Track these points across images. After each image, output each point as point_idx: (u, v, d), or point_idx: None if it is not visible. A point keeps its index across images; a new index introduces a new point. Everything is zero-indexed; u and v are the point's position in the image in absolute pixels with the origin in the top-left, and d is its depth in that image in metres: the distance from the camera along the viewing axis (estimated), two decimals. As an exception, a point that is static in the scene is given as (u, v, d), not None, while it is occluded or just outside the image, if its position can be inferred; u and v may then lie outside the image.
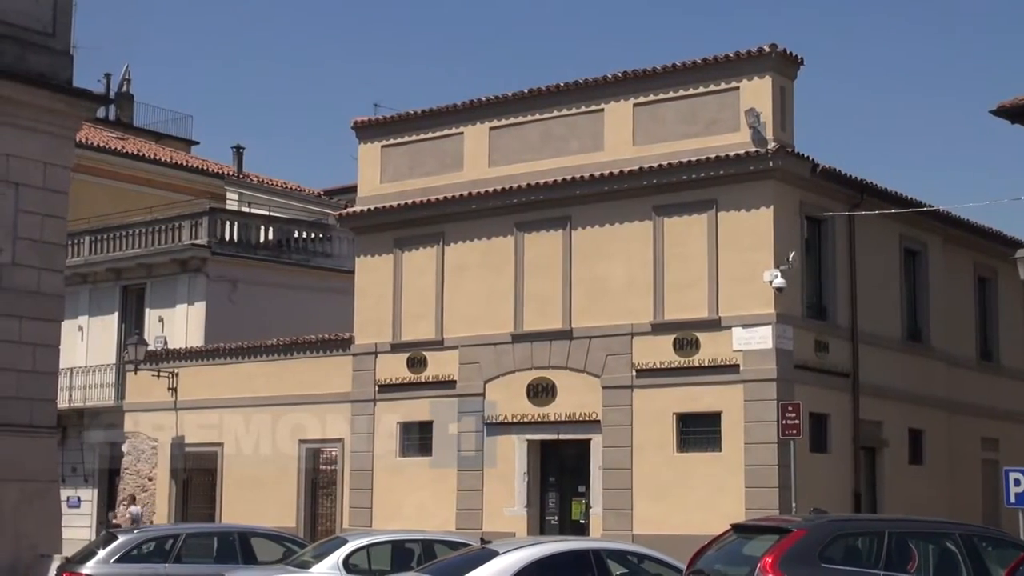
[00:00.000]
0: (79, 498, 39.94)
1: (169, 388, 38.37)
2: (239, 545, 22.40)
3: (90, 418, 41.17)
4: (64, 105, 32.22)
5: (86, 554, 21.71)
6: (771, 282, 28.07)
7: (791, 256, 28.35)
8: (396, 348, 33.63)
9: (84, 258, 41.63)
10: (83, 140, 40.03)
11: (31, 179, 31.42)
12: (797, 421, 27.04)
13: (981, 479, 33.20)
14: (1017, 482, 23.76)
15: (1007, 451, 33.21)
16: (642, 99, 30.74)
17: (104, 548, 21.47)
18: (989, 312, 36.39)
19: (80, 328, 41.36)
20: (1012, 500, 23.74)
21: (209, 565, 21.40)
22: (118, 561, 20.88)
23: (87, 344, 41.84)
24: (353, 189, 36.33)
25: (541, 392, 31.24)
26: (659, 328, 29.67)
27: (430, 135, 34.16)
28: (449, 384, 32.62)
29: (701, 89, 29.92)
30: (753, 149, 28.63)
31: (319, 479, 35.84)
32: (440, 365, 32.85)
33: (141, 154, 51.06)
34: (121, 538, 21.79)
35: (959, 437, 33.62)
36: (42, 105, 31.66)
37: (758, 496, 27.31)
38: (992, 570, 14.28)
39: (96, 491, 41.02)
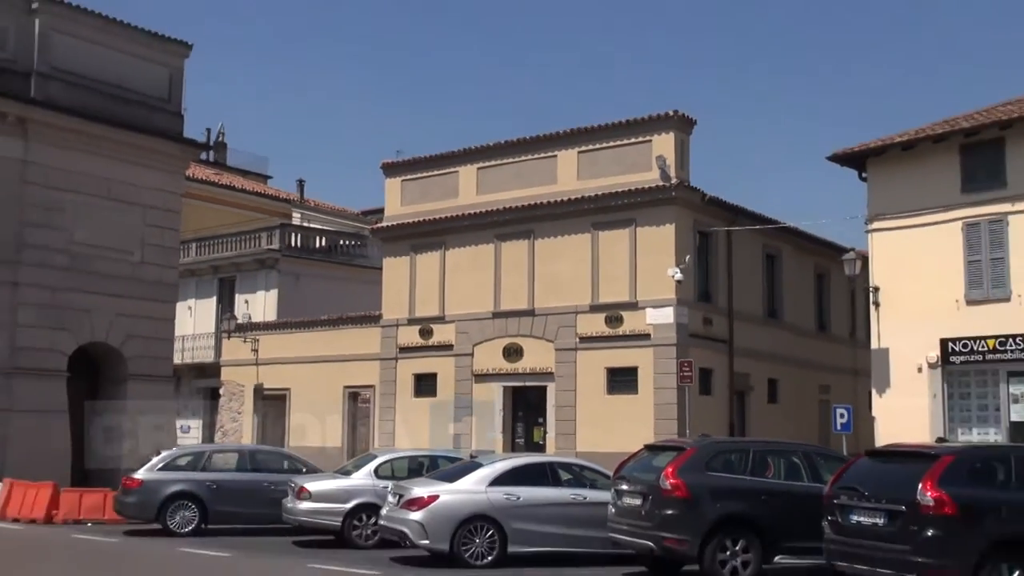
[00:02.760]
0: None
1: (252, 350, 38.31)
2: (249, 458, 21.92)
3: (196, 371, 41.10)
4: (177, 151, 32.39)
5: (141, 464, 21.37)
6: (673, 276, 28.21)
7: (687, 258, 28.51)
8: (411, 322, 33.60)
9: (192, 258, 41.49)
10: (191, 175, 39.92)
11: (155, 202, 31.55)
12: (690, 373, 27.14)
13: (818, 413, 33.36)
14: (842, 415, 24.10)
15: (835, 394, 33.39)
16: (584, 148, 30.71)
17: (153, 460, 21.19)
18: (824, 298, 36.50)
19: (189, 308, 41.18)
20: (838, 428, 24.11)
21: (228, 473, 21.13)
22: (161, 469, 20.63)
23: (194, 319, 41.69)
24: (381, 210, 36.31)
25: (512, 353, 31.26)
26: (595, 308, 29.72)
27: (435, 172, 34.08)
28: (448, 347, 32.61)
29: (624, 141, 29.84)
30: (661, 184, 28.72)
31: (358, 413, 35.81)
32: (442, 334, 32.83)
33: (232, 185, 50.91)
34: (164, 453, 21.52)
35: (802, 384, 33.76)
36: (163, 151, 31.79)
37: (663, 425, 27.41)
38: (824, 476, 14.40)
39: (201, 421, 40.99)
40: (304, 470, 21.50)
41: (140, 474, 20.58)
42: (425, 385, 33.17)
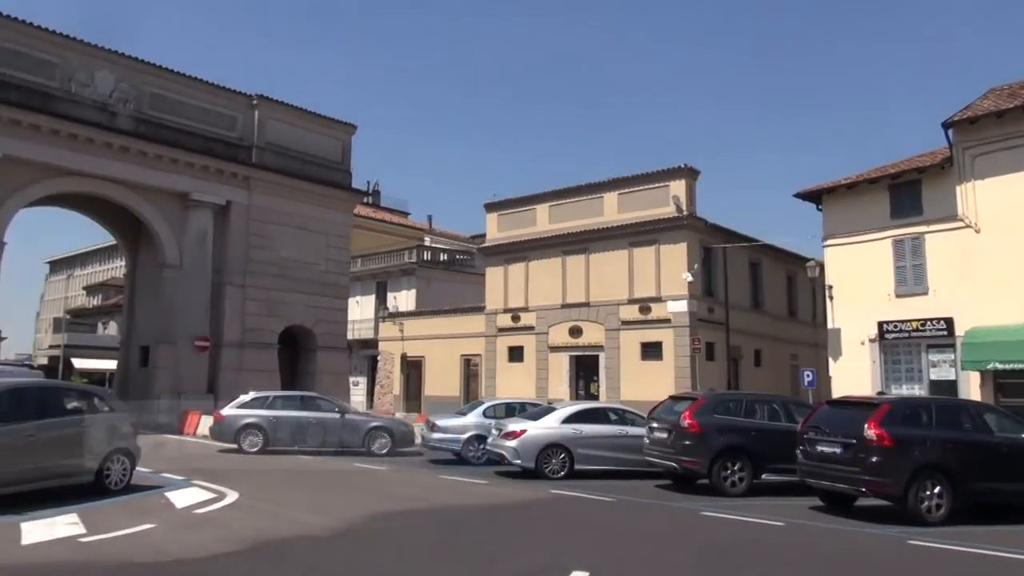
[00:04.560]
0: (357, 382, 40.55)
1: (399, 330, 38.79)
2: (305, 401, 20.13)
3: (362, 344, 41.77)
4: (348, 196, 32.91)
5: (228, 404, 20.07)
6: (686, 279, 27.91)
7: (695, 266, 28.19)
8: (506, 311, 33.64)
9: (358, 268, 42.16)
10: (357, 212, 40.62)
11: (334, 231, 32.09)
12: (699, 346, 26.93)
13: (790, 374, 32.70)
14: (808, 375, 23.51)
15: (802, 360, 32.67)
16: (622, 191, 30.50)
17: (235, 401, 20.23)
18: (793, 293, 35.73)
19: (356, 301, 41.87)
20: (805, 385, 23.51)
21: (285, 411, 19.63)
22: (239, 407, 19.58)
23: (360, 309, 42.39)
24: (484, 235, 36.50)
25: (575, 332, 31.13)
26: (632, 301, 29.49)
27: (520, 209, 34.07)
28: (531, 328, 32.61)
29: (651, 186, 29.64)
30: (676, 215, 28.41)
31: (470, 373, 36.06)
32: (527, 319, 32.83)
33: (384, 219, 51.63)
34: (242, 396, 20.21)
35: (778, 354, 33.12)
36: (338, 197, 32.31)
37: (681, 382, 27.18)
38: (796, 418, 14.12)
39: (366, 378, 41.64)
40: (337, 410, 20.00)
41: (224, 411, 19.53)
42: (515, 354, 33.18)
